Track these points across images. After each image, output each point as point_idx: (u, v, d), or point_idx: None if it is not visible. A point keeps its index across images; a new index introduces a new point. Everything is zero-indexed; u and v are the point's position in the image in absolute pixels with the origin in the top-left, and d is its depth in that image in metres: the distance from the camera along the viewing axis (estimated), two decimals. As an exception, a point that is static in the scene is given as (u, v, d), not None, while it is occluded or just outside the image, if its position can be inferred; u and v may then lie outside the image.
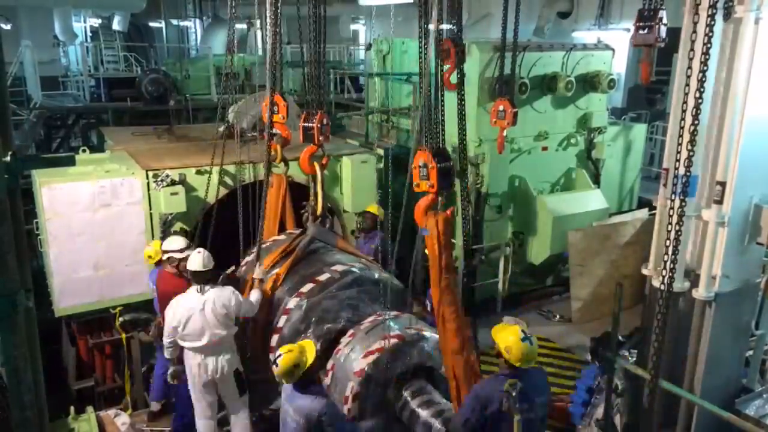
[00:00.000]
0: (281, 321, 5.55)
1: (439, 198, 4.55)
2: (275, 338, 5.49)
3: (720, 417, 4.35)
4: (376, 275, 5.85)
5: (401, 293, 5.76)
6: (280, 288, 5.82)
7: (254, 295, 5.51)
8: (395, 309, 5.45)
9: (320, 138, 6.19)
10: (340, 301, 5.57)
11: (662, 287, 4.19)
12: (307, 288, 5.63)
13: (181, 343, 5.31)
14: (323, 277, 5.69)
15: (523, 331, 4.18)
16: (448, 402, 4.85)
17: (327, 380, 5.15)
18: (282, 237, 6.58)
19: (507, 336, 4.15)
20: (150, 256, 6.35)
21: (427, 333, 5.23)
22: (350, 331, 5.33)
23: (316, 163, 6.41)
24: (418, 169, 4.44)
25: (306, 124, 6.18)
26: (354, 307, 5.55)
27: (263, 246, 6.24)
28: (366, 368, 4.92)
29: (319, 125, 6.12)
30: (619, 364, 5.17)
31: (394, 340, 5.00)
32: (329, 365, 5.22)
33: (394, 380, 5.02)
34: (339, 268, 5.80)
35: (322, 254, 6.14)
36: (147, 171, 6.93)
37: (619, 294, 5.04)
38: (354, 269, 5.83)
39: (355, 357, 5.04)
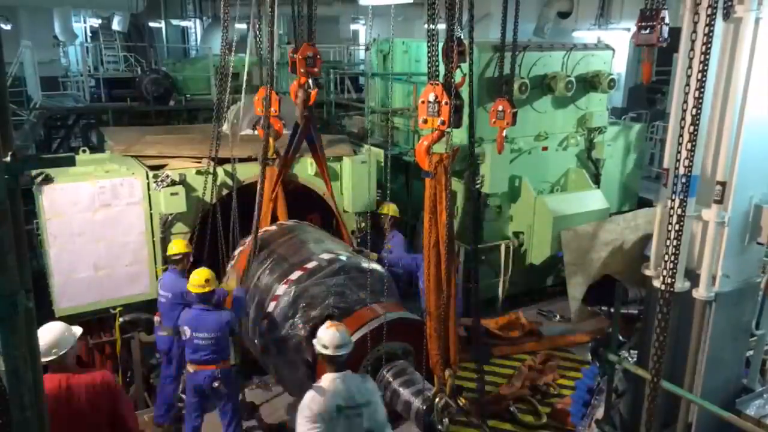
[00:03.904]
0: (270, 306, 5.83)
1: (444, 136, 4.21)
2: (265, 323, 5.82)
3: (720, 417, 4.35)
4: (362, 263, 6.09)
5: (386, 280, 6.05)
6: (269, 275, 6.17)
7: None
8: (380, 295, 5.75)
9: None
10: (327, 288, 5.80)
11: (662, 287, 4.19)
12: (295, 275, 5.91)
13: None
14: (311, 265, 5.97)
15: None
16: (427, 382, 5.01)
17: None
18: (273, 228, 6.86)
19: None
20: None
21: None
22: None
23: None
24: (427, 104, 4.08)
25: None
26: (340, 294, 5.76)
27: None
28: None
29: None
30: (620, 364, 5.17)
31: (375, 325, 5.24)
32: None
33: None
34: (326, 256, 6.09)
35: (311, 243, 6.44)
36: (147, 171, 6.93)
37: (620, 294, 5.05)
38: (341, 257, 6.10)
39: None
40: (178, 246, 6.37)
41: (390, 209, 7.89)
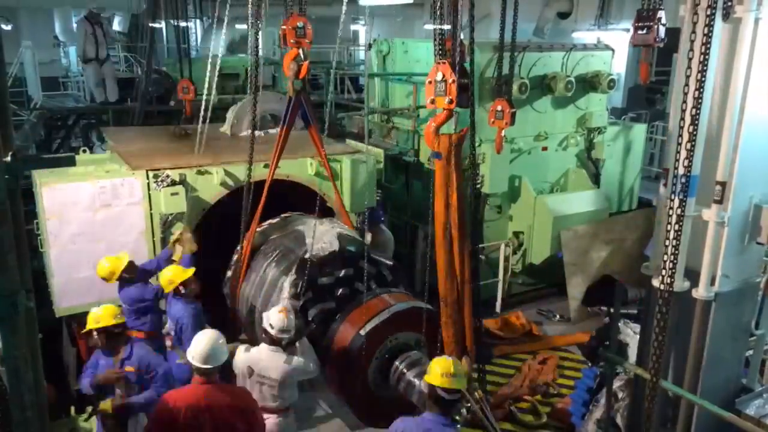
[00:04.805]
0: (278, 300, 5.82)
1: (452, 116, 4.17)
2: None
3: (720, 417, 4.35)
4: (371, 254, 6.05)
5: (393, 270, 6.09)
6: (276, 267, 6.14)
7: None
8: (390, 286, 5.81)
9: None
10: (336, 279, 5.81)
11: (662, 287, 4.19)
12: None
13: None
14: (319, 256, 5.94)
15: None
16: None
17: None
18: (276, 220, 6.98)
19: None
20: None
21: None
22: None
23: None
24: (434, 84, 4.02)
25: None
26: (350, 285, 5.81)
27: (259, 230, 6.69)
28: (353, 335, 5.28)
29: None
30: (620, 365, 5.18)
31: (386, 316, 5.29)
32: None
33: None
34: (333, 247, 6.03)
35: (318, 234, 6.36)
36: (147, 171, 6.93)
37: (620, 294, 5.05)
38: (350, 248, 6.07)
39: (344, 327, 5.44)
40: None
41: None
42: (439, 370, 3.91)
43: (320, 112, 14.65)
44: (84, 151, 8.09)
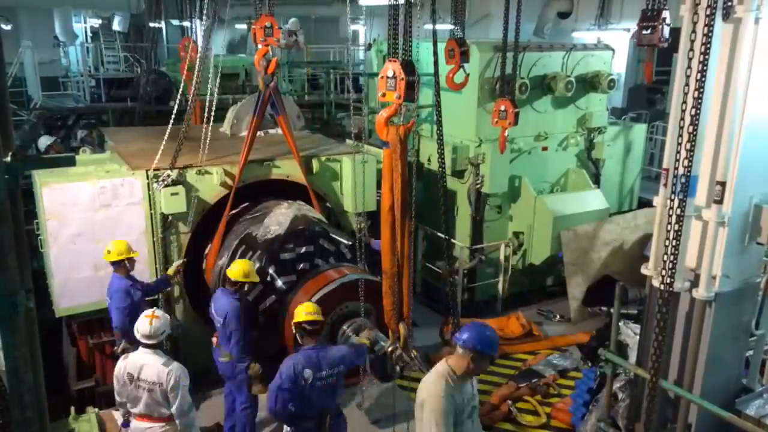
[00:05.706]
0: None
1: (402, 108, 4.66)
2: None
3: (720, 417, 4.35)
4: (329, 232, 6.69)
5: (351, 248, 6.62)
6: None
7: None
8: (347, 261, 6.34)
9: None
10: (297, 255, 6.32)
11: (662, 287, 4.19)
12: (269, 244, 6.39)
13: None
14: (284, 234, 6.50)
15: None
16: (384, 336, 5.42)
17: None
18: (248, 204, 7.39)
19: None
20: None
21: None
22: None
23: None
24: (386, 80, 4.54)
25: None
26: (309, 260, 6.32)
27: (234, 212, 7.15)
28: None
29: None
30: (620, 365, 5.17)
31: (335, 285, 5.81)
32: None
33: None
34: (299, 226, 6.59)
35: (282, 215, 6.87)
36: (147, 171, 6.93)
37: (620, 294, 5.05)
38: (313, 227, 6.64)
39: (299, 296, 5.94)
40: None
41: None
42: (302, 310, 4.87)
43: (320, 112, 14.68)
44: (84, 151, 8.08)
